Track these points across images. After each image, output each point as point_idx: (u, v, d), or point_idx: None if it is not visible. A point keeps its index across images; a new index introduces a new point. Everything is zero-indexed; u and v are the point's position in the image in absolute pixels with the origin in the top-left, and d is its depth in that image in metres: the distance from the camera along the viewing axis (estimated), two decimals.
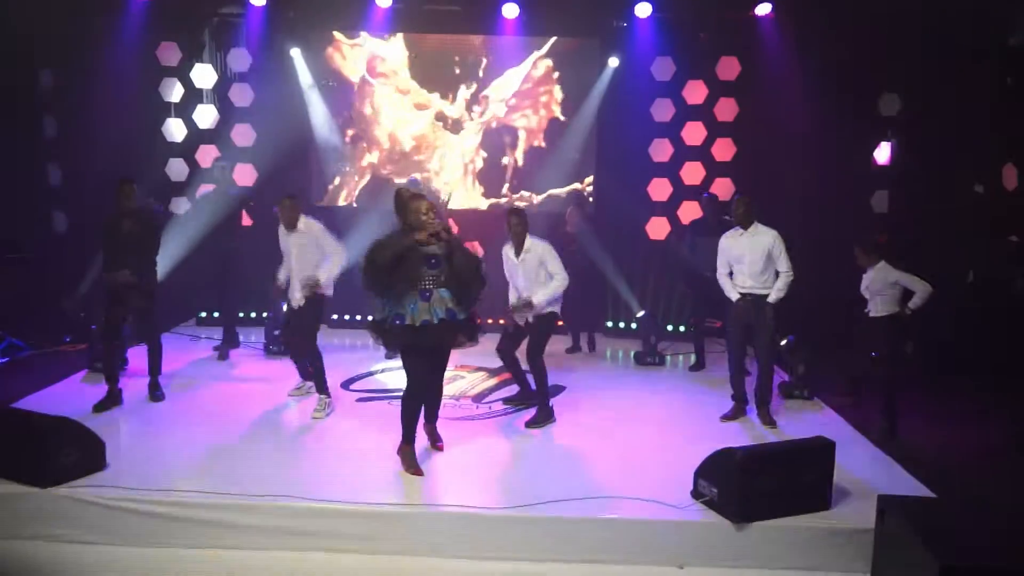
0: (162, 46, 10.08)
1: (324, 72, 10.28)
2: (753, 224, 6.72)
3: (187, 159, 10.30)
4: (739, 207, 6.74)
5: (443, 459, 5.94)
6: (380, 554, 4.96)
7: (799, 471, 5.03)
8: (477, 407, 7.20)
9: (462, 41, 10.27)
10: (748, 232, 6.71)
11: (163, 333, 9.41)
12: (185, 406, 7.00)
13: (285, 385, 7.56)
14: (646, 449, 6.23)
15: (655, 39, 10.03)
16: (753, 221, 6.72)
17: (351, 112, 10.35)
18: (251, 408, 6.99)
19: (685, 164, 10.30)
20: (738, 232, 6.77)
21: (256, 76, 10.22)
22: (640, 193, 10.27)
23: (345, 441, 6.27)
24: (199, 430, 6.37)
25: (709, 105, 10.23)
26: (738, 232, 6.77)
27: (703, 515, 5.04)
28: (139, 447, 5.96)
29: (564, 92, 10.27)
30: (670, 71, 10.12)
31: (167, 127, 10.28)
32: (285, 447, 6.15)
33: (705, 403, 7.44)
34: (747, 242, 6.69)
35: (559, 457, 6.02)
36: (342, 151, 10.40)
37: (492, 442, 6.37)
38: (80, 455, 5.27)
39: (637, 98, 10.16)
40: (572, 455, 5.97)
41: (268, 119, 10.11)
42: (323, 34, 10.27)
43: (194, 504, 5.04)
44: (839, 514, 5.09)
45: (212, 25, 10.38)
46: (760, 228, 6.70)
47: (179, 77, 10.19)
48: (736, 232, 6.79)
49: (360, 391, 7.60)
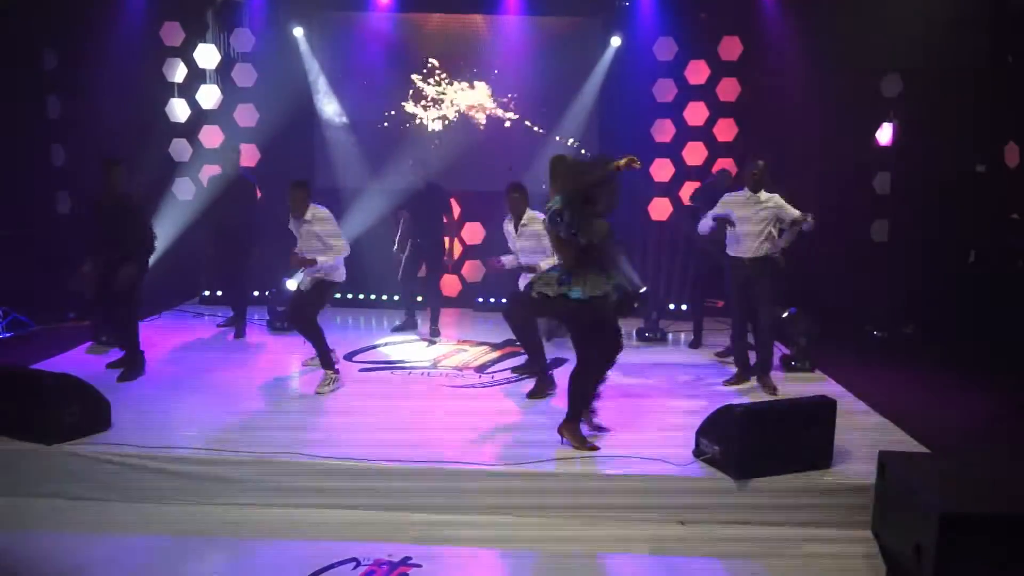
0: (165, 26, 10.08)
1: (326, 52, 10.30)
2: (760, 191, 6.74)
3: (190, 139, 10.31)
4: (755, 170, 6.75)
5: (446, 422, 5.97)
6: (377, 510, 5.01)
7: (800, 428, 5.06)
8: (480, 376, 7.23)
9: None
10: (754, 197, 6.73)
11: (166, 311, 9.57)
12: (192, 375, 7.03)
13: (291, 357, 7.64)
14: (650, 414, 6.25)
15: (657, 19, 10.04)
16: (762, 188, 6.75)
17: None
18: (257, 376, 7.05)
19: (687, 144, 10.30)
20: (744, 194, 6.78)
21: (259, 56, 10.23)
22: (642, 173, 10.27)
23: (349, 406, 6.31)
24: (206, 396, 6.41)
25: (711, 85, 10.23)
26: (744, 194, 6.78)
27: (705, 472, 5.07)
28: (144, 410, 5.96)
29: (565, 72, 10.27)
30: (672, 51, 10.13)
31: (170, 107, 10.28)
32: (289, 411, 6.19)
33: (707, 373, 7.49)
34: (752, 206, 6.72)
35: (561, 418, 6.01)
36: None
37: (496, 406, 6.40)
38: (85, 414, 5.31)
39: (639, 78, 10.17)
40: None
41: (271, 99, 10.13)
42: (326, 14, 10.30)
43: (196, 460, 5.09)
44: (839, 471, 5.12)
45: (215, 5, 10.38)
46: (764, 194, 6.74)
47: (182, 57, 10.19)
48: (742, 194, 6.81)
49: (364, 362, 7.62)
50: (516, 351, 8.01)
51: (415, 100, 10.46)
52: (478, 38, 10.32)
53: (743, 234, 6.75)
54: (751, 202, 6.73)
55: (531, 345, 6.82)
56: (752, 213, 6.70)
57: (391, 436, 5.58)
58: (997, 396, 7.22)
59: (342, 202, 10.03)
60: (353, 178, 10.40)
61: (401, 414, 6.06)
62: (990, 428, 6.38)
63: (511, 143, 10.41)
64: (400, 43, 10.32)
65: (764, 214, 6.68)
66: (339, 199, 10.06)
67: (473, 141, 10.41)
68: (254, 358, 7.77)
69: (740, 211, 6.76)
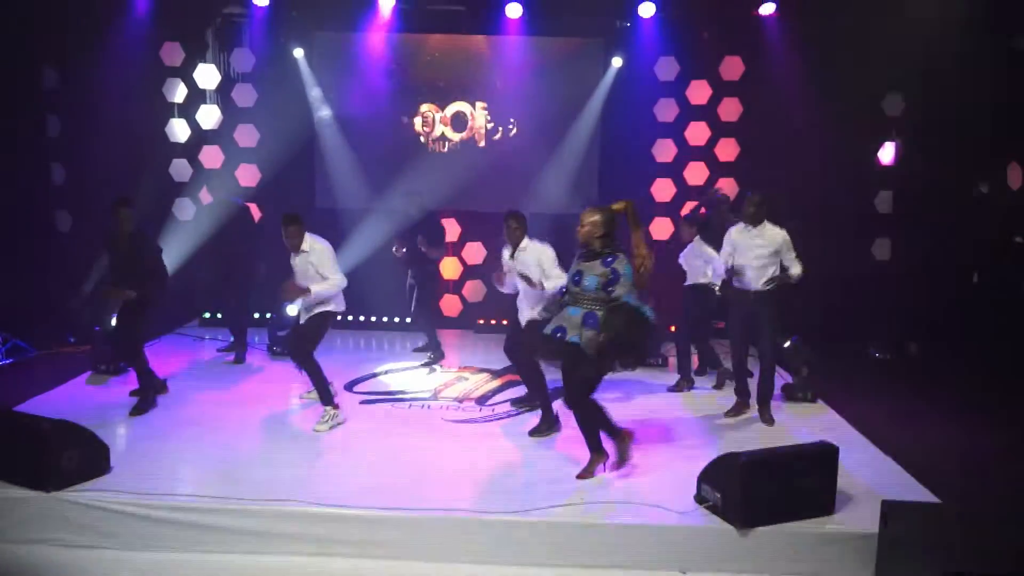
0: (165, 46, 10.08)
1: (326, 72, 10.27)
2: (763, 223, 6.69)
3: (190, 159, 10.30)
4: (750, 205, 6.68)
5: (444, 463, 5.92)
6: (376, 559, 4.96)
7: (802, 476, 5.02)
8: (480, 409, 7.20)
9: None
10: (756, 230, 6.69)
11: (166, 335, 9.55)
12: (190, 410, 6.95)
13: (292, 388, 7.62)
14: (649, 451, 6.19)
15: (659, 39, 10.03)
16: (763, 220, 6.69)
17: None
18: (256, 412, 6.98)
19: (688, 164, 10.30)
20: (747, 228, 6.73)
21: (259, 76, 10.22)
22: (643, 193, 10.26)
23: (348, 445, 6.26)
24: (204, 435, 6.34)
25: (713, 105, 10.22)
26: (747, 228, 6.73)
27: (706, 520, 5.03)
28: (143, 451, 5.92)
29: (567, 93, 10.23)
30: (674, 71, 10.11)
31: (170, 127, 10.27)
32: (288, 450, 6.13)
33: (708, 404, 7.46)
34: (755, 240, 6.67)
35: (562, 461, 5.97)
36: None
37: (494, 445, 6.35)
38: (84, 459, 5.28)
39: (640, 98, 10.17)
40: (575, 459, 5.93)
41: (271, 120, 10.12)
42: (326, 35, 10.26)
43: (195, 508, 5.05)
44: (842, 519, 5.08)
45: (215, 25, 10.39)
46: (768, 227, 6.67)
47: (182, 77, 10.18)
48: (745, 228, 6.76)
49: (364, 393, 7.59)
50: (517, 379, 7.99)
51: (415, 120, 10.43)
52: (479, 59, 10.29)
53: (746, 266, 6.71)
54: (752, 234, 6.69)
55: (535, 381, 6.75)
56: (754, 246, 6.66)
57: (391, 479, 5.54)
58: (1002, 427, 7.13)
59: (342, 222, 10.04)
60: (353, 198, 10.38)
61: (401, 456, 5.99)
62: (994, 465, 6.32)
63: (511, 163, 10.39)
64: (401, 64, 10.29)
65: (765, 249, 6.63)
66: (339, 219, 10.08)
67: (473, 161, 10.38)
68: (253, 389, 7.71)
69: (743, 243, 6.72)
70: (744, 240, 6.71)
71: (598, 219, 5.40)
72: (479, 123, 10.40)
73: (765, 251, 6.61)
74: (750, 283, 6.71)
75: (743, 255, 6.73)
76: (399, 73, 10.31)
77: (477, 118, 10.40)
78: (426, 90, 10.36)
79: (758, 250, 6.63)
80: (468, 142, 10.46)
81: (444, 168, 10.30)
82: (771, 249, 6.60)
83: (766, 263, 6.63)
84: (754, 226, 6.67)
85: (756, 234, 6.65)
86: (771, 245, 6.60)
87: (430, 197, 9.32)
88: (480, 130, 10.43)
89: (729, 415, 7.12)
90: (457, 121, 10.42)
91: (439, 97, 10.37)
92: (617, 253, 5.36)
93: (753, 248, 6.65)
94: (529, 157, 10.34)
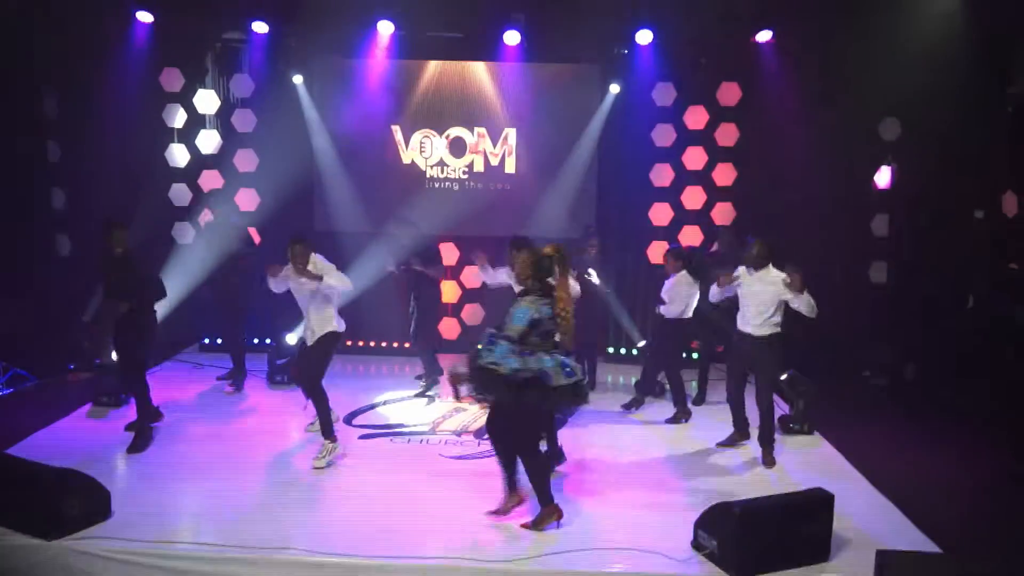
0: (165, 72, 10.11)
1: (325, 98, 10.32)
2: (767, 267, 6.74)
3: (190, 184, 10.33)
4: (754, 248, 6.75)
5: (443, 505, 5.96)
6: None
7: (799, 524, 5.08)
8: (479, 444, 7.23)
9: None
10: (759, 275, 6.73)
11: (167, 360, 9.59)
12: (190, 447, 6.98)
13: (291, 420, 7.67)
14: (646, 493, 6.25)
15: (656, 65, 10.05)
16: (767, 264, 6.74)
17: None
18: (256, 449, 7.00)
19: (686, 188, 10.34)
20: (750, 273, 6.78)
21: (258, 102, 10.25)
22: (641, 217, 10.32)
23: (348, 486, 6.26)
24: (204, 475, 6.37)
25: (710, 130, 10.25)
26: (750, 273, 6.78)
27: (704, 568, 5.08)
28: (144, 494, 5.94)
29: (566, 118, 10.28)
30: (671, 96, 10.15)
31: (170, 152, 10.31)
32: (288, 492, 6.15)
33: (706, 438, 7.48)
34: (756, 286, 6.73)
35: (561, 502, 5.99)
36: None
37: (491, 485, 6.30)
38: (85, 506, 5.32)
39: (638, 123, 10.20)
40: (572, 501, 5.98)
41: (271, 144, 10.17)
42: (325, 61, 10.31)
43: (196, 557, 5.09)
44: (839, 566, 5.13)
45: (215, 51, 10.42)
46: (771, 271, 6.72)
47: (182, 103, 10.22)
48: (748, 272, 6.81)
49: (363, 427, 7.63)
50: None
51: (413, 146, 10.48)
52: (478, 84, 10.32)
53: (747, 309, 6.80)
54: (754, 279, 6.75)
55: None
56: (756, 291, 6.73)
57: (390, 526, 5.57)
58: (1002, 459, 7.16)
59: (341, 247, 10.05)
60: (351, 222, 10.40)
61: (401, 501, 6.00)
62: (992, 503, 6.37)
63: (510, 188, 10.45)
64: (399, 90, 10.32)
65: (766, 295, 6.68)
66: (338, 244, 10.09)
67: (472, 186, 10.44)
68: (253, 423, 7.74)
69: (746, 286, 6.80)
70: (747, 284, 6.79)
71: (525, 258, 5.48)
72: (478, 148, 10.44)
73: (766, 295, 6.67)
74: (750, 327, 6.79)
75: (745, 299, 6.83)
76: (397, 99, 10.33)
77: (476, 143, 10.43)
78: (425, 115, 10.38)
79: (760, 295, 6.70)
80: (467, 167, 10.49)
81: (442, 193, 10.37)
82: (771, 294, 6.65)
83: (766, 308, 6.69)
84: (757, 271, 6.72)
85: (758, 279, 6.72)
86: (772, 289, 6.65)
87: (428, 222, 9.40)
88: (479, 155, 10.46)
89: (723, 445, 7.23)
90: (456, 146, 10.46)
91: (438, 122, 10.41)
92: (534, 294, 5.35)
93: (755, 294, 6.73)
94: (527, 182, 10.40)
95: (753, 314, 6.73)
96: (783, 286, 6.60)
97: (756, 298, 6.72)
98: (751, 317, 6.75)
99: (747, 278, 6.78)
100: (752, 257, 6.72)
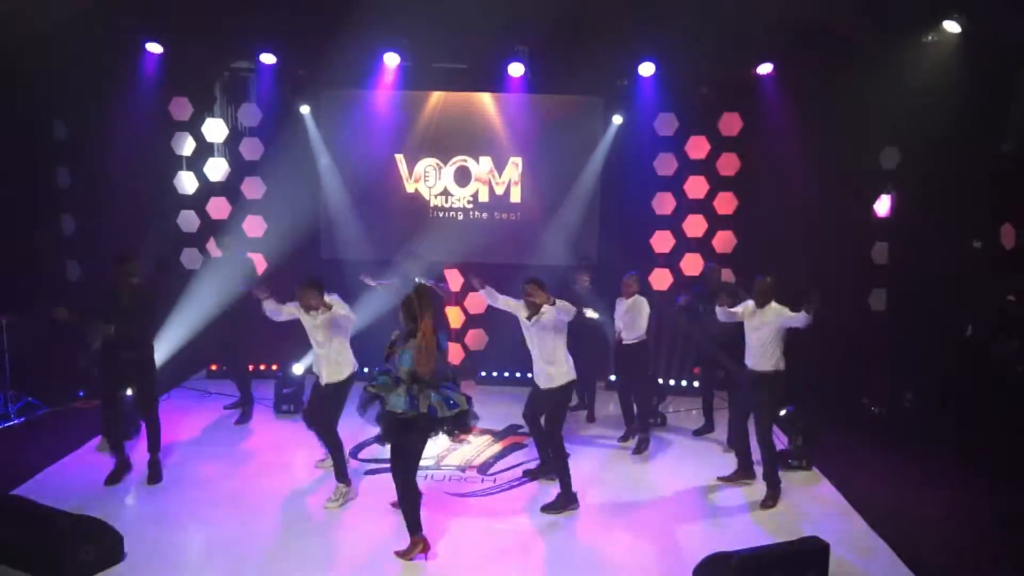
0: (174, 101, 10.27)
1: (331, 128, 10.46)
2: (769, 304, 6.86)
3: (198, 211, 10.49)
4: (761, 285, 6.87)
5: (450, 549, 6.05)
6: None
7: (795, 574, 5.19)
8: (483, 480, 7.36)
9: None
10: (761, 312, 6.87)
11: (174, 387, 9.73)
12: (199, 487, 7.05)
13: (300, 454, 7.78)
14: (645, 534, 6.36)
15: (658, 96, 10.20)
16: (770, 302, 6.86)
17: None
18: (265, 486, 7.08)
19: (688, 217, 10.48)
20: (753, 311, 6.92)
21: (266, 131, 10.42)
22: (643, 245, 10.45)
23: (359, 534, 6.29)
24: (215, 516, 6.47)
25: (711, 160, 10.40)
26: (753, 311, 6.92)
27: None
28: (156, 536, 6.05)
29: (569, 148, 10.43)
30: (673, 127, 10.30)
31: (178, 179, 10.47)
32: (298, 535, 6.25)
33: (706, 473, 7.60)
34: (757, 320, 6.87)
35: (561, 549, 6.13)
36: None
37: (491, 526, 6.46)
38: (99, 551, 5.45)
39: (641, 153, 10.38)
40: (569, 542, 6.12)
41: (278, 173, 10.32)
42: (332, 92, 10.45)
43: None
44: None
45: (223, 80, 10.60)
46: (773, 307, 6.84)
47: (190, 131, 10.39)
48: (751, 306, 6.95)
49: (369, 461, 7.76)
50: (518, 441, 8.18)
51: (417, 175, 10.61)
52: (482, 115, 10.47)
53: (749, 345, 6.96)
54: (756, 316, 6.89)
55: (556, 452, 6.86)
56: (757, 327, 6.87)
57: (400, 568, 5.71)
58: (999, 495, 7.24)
59: (346, 275, 10.17)
60: (357, 250, 10.55)
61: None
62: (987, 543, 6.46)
63: (514, 216, 10.58)
64: (404, 120, 10.47)
65: (765, 332, 6.81)
66: (343, 271, 10.21)
67: (476, 215, 10.57)
68: (262, 458, 7.82)
69: (748, 324, 6.94)
70: (749, 322, 6.93)
71: (404, 303, 5.81)
72: (482, 177, 10.57)
73: (767, 332, 6.81)
74: (752, 362, 6.93)
75: (748, 335, 6.97)
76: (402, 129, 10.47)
77: (480, 173, 10.56)
78: (430, 145, 10.52)
79: (760, 333, 6.84)
80: (472, 196, 10.63)
81: (447, 223, 10.50)
82: (772, 329, 6.78)
83: (767, 344, 6.82)
84: (760, 308, 6.86)
85: (760, 316, 6.85)
86: (772, 324, 6.78)
87: (433, 249, 9.54)
88: (483, 184, 10.59)
89: (725, 480, 7.37)
90: (461, 175, 10.59)
91: (443, 152, 10.55)
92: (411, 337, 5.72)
93: (756, 331, 6.87)
94: (531, 210, 10.55)
95: (756, 351, 6.87)
96: (788, 313, 6.72)
97: (758, 333, 6.86)
98: (753, 352, 6.90)
99: (750, 315, 6.92)
100: (757, 295, 6.86)
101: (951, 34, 8.89)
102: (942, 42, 9.09)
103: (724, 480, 7.42)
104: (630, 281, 8.26)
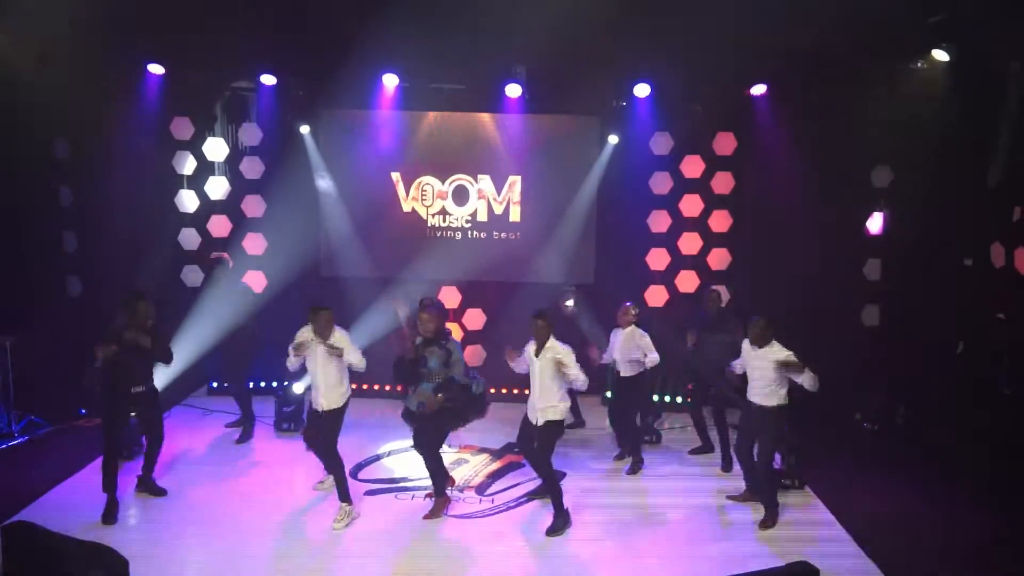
0: (175, 121, 10.39)
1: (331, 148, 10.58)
2: (770, 344, 6.97)
3: (199, 229, 10.60)
4: (755, 328, 6.99)
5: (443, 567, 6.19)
6: None
7: None
8: (480, 500, 7.47)
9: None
10: (762, 351, 6.98)
11: (175, 405, 9.83)
12: (204, 507, 7.16)
13: (301, 474, 7.87)
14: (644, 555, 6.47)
15: (653, 116, 10.35)
16: (770, 341, 6.97)
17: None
18: (267, 508, 7.18)
19: (682, 235, 10.62)
20: (753, 348, 7.04)
21: (266, 150, 10.56)
22: (639, 262, 10.59)
23: (363, 559, 6.37)
24: (218, 538, 6.57)
25: (706, 178, 10.55)
26: (753, 348, 7.04)
27: None
28: (159, 560, 6.16)
29: (566, 167, 10.56)
30: (668, 146, 10.45)
31: (180, 198, 10.59)
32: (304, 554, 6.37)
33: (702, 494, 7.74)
34: (757, 359, 6.99)
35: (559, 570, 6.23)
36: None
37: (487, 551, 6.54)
38: None
39: (636, 172, 10.54)
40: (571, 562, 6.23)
41: (278, 191, 10.44)
42: (332, 112, 10.58)
43: None
44: None
45: (224, 100, 10.72)
46: (775, 347, 6.94)
47: (191, 150, 10.51)
48: (751, 347, 7.07)
49: (369, 481, 7.86)
50: (516, 461, 8.27)
51: (414, 194, 10.73)
52: (480, 135, 10.60)
53: (751, 379, 7.08)
54: (756, 355, 7.01)
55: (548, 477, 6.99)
56: (758, 366, 6.99)
57: None
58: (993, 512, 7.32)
59: (345, 292, 10.33)
60: (356, 268, 10.66)
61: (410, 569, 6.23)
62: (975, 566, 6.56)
63: (512, 235, 10.70)
64: (402, 139, 10.59)
65: (768, 370, 6.91)
66: (342, 289, 10.37)
67: (474, 233, 10.69)
68: (263, 478, 7.90)
69: (749, 361, 7.08)
70: (750, 359, 7.06)
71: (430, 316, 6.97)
72: (480, 196, 10.69)
73: (768, 371, 6.92)
74: (757, 398, 7.06)
75: (750, 372, 7.11)
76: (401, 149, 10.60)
77: (478, 192, 10.68)
78: (428, 164, 10.64)
79: (761, 370, 6.96)
80: (470, 216, 10.75)
81: (445, 241, 10.62)
82: (772, 369, 6.89)
83: (769, 382, 6.94)
84: (759, 348, 6.98)
85: (761, 355, 6.97)
86: (773, 365, 6.88)
87: (432, 269, 9.65)
88: (481, 203, 10.71)
89: (734, 499, 7.54)
90: (458, 194, 10.71)
91: (441, 171, 10.67)
92: (449, 338, 7.11)
93: (757, 367, 6.99)
94: (529, 229, 10.67)
95: (759, 387, 7.00)
96: (784, 368, 6.83)
97: (759, 371, 6.98)
98: (757, 389, 7.03)
99: (750, 353, 7.04)
100: (756, 336, 6.97)
101: (940, 62, 9.04)
102: (932, 69, 9.23)
103: (733, 499, 7.54)
104: (626, 311, 8.27)
